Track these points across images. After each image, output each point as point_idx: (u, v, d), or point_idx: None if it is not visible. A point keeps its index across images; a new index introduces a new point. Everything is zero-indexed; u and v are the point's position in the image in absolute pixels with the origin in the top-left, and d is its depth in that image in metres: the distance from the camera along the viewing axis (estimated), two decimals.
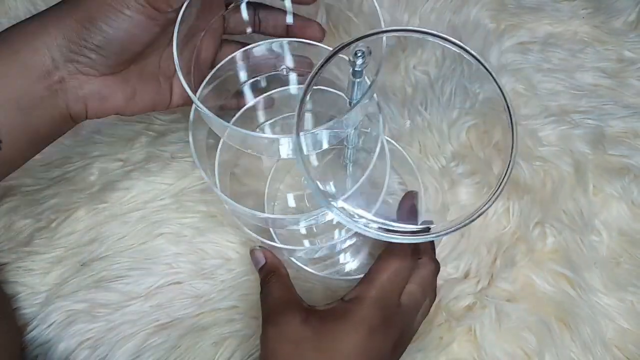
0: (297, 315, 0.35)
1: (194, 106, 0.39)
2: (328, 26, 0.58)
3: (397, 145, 0.52)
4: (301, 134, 0.31)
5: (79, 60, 0.35)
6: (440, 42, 0.34)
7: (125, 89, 0.38)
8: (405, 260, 0.36)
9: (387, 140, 0.52)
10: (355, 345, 0.33)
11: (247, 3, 0.44)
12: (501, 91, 0.33)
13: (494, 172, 0.51)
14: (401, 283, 0.36)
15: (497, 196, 0.31)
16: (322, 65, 0.32)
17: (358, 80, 0.33)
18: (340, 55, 0.33)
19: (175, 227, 0.49)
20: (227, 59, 0.42)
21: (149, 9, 0.33)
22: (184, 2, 0.34)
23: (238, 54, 0.42)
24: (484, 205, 0.31)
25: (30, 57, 0.34)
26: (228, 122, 0.36)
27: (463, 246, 0.48)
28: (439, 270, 0.40)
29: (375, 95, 0.39)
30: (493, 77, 0.33)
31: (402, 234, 0.31)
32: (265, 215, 0.39)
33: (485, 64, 0.34)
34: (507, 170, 0.32)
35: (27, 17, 0.35)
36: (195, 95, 0.33)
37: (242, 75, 0.45)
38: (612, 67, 0.58)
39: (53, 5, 0.35)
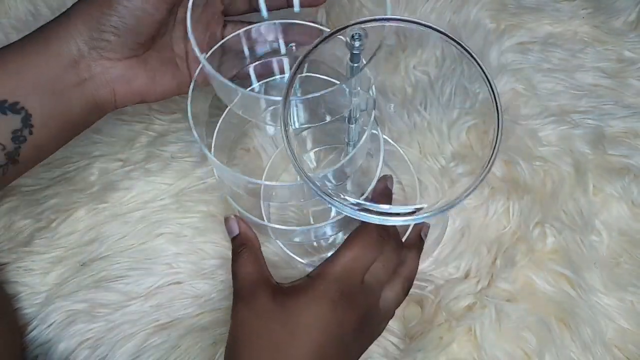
0: (266, 293, 0.37)
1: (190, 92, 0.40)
2: (328, 27, 0.58)
3: (396, 145, 0.52)
4: (290, 98, 0.31)
5: (100, 45, 0.37)
6: (438, 35, 0.34)
7: (147, 71, 0.41)
8: (369, 241, 0.37)
9: (386, 141, 0.52)
10: (316, 319, 0.35)
11: None
12: (491, 88, 0.33)
13: (493, 172, 0.51)
14: (365, 262, 0.37)
15: (476, 186, 0.31)
16: (317, 44, 0.33)
17: (356, 64, 0.33)
18: (339, 36, 0.33)
19: (175, 227, 0.49)
20: (230, 36, 0.43)
21: None
22: None
23: (241, 32, 0.43)
24: (464, 194, 0.31)
25: (59, 47, 0.37)
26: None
27: (463, 246, 0.48)
28: (403, 254, 0.40)
29: (374, 89, 0.39)
30: (485, 75, 0.33)
31: (377, 214, 0.31)
32: (259, 182, 0.39)
33: (479, 60, 0.34)
34: (490, 159, 0.31)
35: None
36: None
37: (247, 55, 0.46)
38: (612, 67, 0.58)
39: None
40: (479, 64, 0.33)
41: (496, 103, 0.33)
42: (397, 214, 0.31)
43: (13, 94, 0.36)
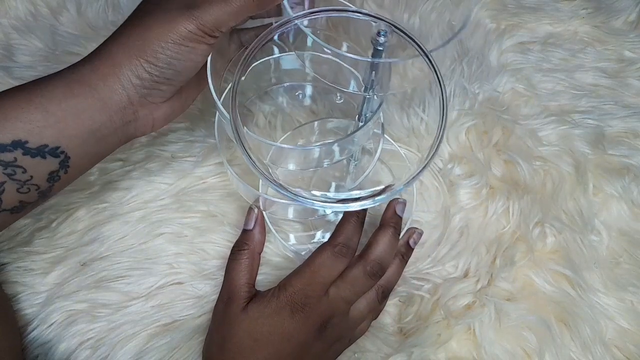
0: (241, 300, 0.40)
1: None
2: (328, 25, 0.58)
3: (396, 145, 0.52)
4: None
5: (151, 93, 0.38)
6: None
7: (182, 100, 0.41)
8: (327, 256, 0.39)
9: (387, 140, 0.52)
10: (276, 327, 0.38)
11: None
12: (432, 65, 0.32)
13: (493, 173, 0.51)
14: (326, 275, 0.39)
15: (425, 166, 0.32)
16: (255, 48, 0.34)
17: (378, 61, 0.33)
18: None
19: (176, 227, 0.49)
20: None
21: (206, 37, 0.36)
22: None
23: None
24: (415, 173, 0.32)
25: (108, 96, 0.36)
26: None
27: (462, 245, 0.48)
28: (375, 273, 0.40)
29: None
30: (424, 51, 0.33)
31: (334, 202, 0.31)
32: (272, 143, 0.39)
33: (412, 36, 0.33)
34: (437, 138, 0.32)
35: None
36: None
37: None
38: (612, 67, 0.58)
39: (118, 37, 0.37)
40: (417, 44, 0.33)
41: (436, 74, 0.32)
42: (356, 199, 0.31)
43: (55, 139, 0.36)
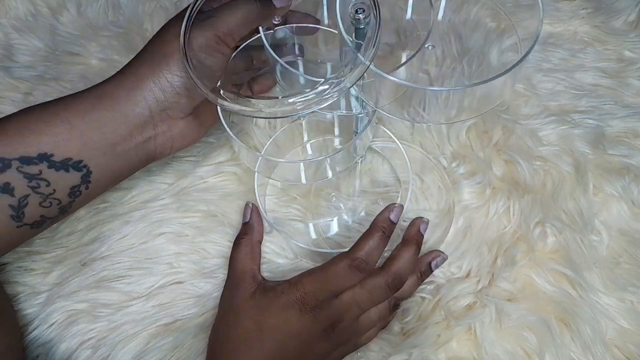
0: (248, 287, 0.41)
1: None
2: (329, 22, 0.58)
3: (398, 142, 0.52)
4: None
5: (171, 106, 0.39)
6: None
7: (199, 123, 0.42)
8: (345, 268, 0.39)
9: (389, 138, 0.52)
10: (283, 322, 0.38)
11: None
12: None
13: (494, 173, 0.51)
14: (339, 285, 0.39)
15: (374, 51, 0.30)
16: None
17: (361, 41, 0.32)
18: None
19: (176, 226, 0.49)
20: None
21: (221, 45, 0.37)
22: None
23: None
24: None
25: (130, 108, 0.38)
26: None
27: (465, 246, 0.48)
28: (393, 286, 0.41)
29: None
30: None
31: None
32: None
33: None
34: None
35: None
36: None
37: None
38: (612, 67, 0.58)
39: (141, 56, 0.39)
40: None
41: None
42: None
43: (78, 152, 0.36)
